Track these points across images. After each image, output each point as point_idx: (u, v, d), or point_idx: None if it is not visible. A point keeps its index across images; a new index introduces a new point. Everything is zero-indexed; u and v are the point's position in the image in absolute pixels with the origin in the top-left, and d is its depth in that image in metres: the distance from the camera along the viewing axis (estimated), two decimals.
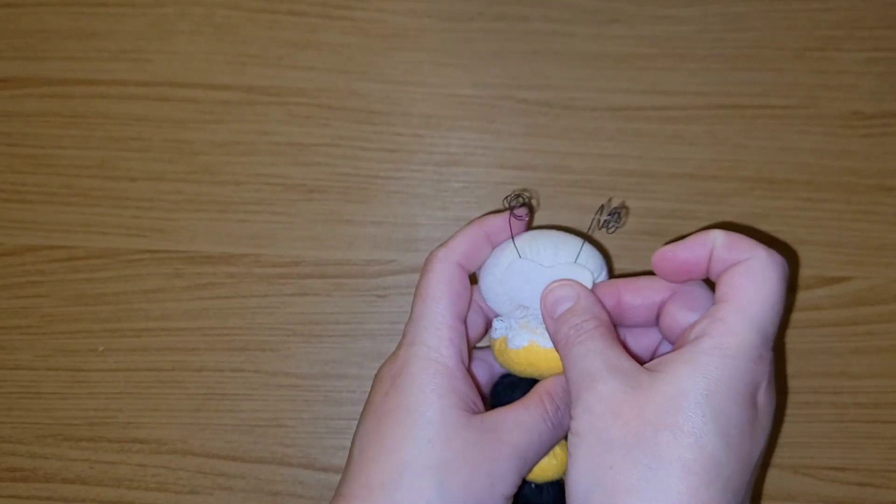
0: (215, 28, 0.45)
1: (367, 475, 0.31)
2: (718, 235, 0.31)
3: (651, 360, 0.31)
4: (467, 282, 0.35)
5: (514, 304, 0.35)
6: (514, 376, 0.36)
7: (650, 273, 0.34)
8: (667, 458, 0.27)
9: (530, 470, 0.33)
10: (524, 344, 0.34)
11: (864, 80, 0.44)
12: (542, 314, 0.34)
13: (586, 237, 0.35)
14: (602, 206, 0.35)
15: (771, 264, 0.30)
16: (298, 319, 0.43)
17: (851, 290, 0.42)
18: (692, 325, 0.30)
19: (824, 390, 0.42)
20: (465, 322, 0.34)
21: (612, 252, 0.43)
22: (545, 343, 0.34)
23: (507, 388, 0.36)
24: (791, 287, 0.43)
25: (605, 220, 0.34)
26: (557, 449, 0.35)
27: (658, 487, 0.27)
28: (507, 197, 0.34)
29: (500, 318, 0.36)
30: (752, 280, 0.30)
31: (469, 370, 0.34)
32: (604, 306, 0.33)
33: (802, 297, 0.42)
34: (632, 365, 0.30)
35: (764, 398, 0.29)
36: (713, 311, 0.30)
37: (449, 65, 0.45)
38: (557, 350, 0.32)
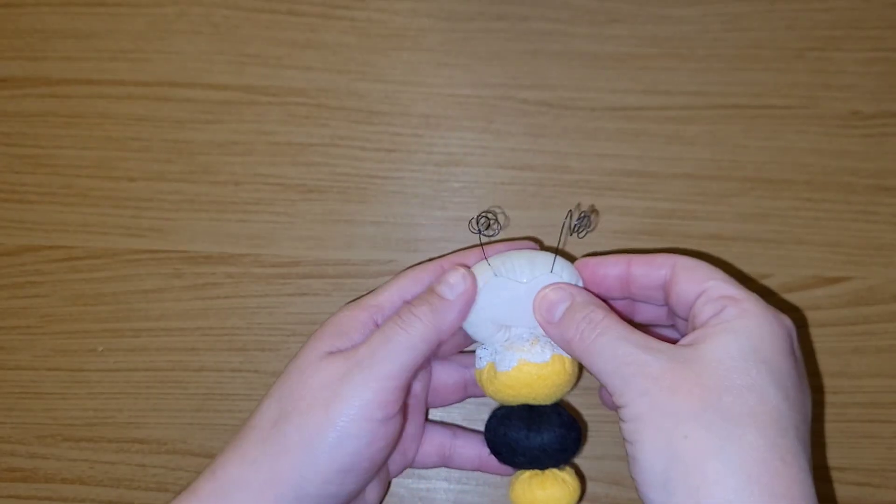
0: (214, 28, 0.45)
1: (261, 409, 0.33)
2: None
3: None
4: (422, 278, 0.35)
5: (497, 326, 0.34)
6: (506, 407, 0.35)
7: None
8: (737, 416, 0.28)
9: (402, 382, 0.32)
10: (514, 364, 0.33)
11: (864, 80, 0.44)
12: (541, 323, 0.33)
13: (557, 250, 0.35)
14: (570, 212, 0.35)
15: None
16: (298, 319, 0.43)
17: (850, 290, 0.42)
18: (702, 306, 0.31)
19: (824, 390, 0.42)
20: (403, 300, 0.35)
21: (612, 251, 0.43)
22: (535, 359, 0.33)
23: (502, 419, 0.35)
24: (790, 287, 0.43)
25: (574, 226, 0.35)
26: (567, 476, 0.34)
27: (739, 444, 0.27)
28: (471, 220, 0.34)
29: (482, 346, 0.35)
30: (697, 268, 0.33)
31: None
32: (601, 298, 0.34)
33: (802, 296, 0.42)
34: (663, 343, 0.30)
35: (798, 352, 0.31)
36: (707, 294, 0.31)
37: (448, 65, 0.45)
38: (573, 351, 0.32)
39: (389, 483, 0.38)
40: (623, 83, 0.44)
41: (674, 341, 0.31)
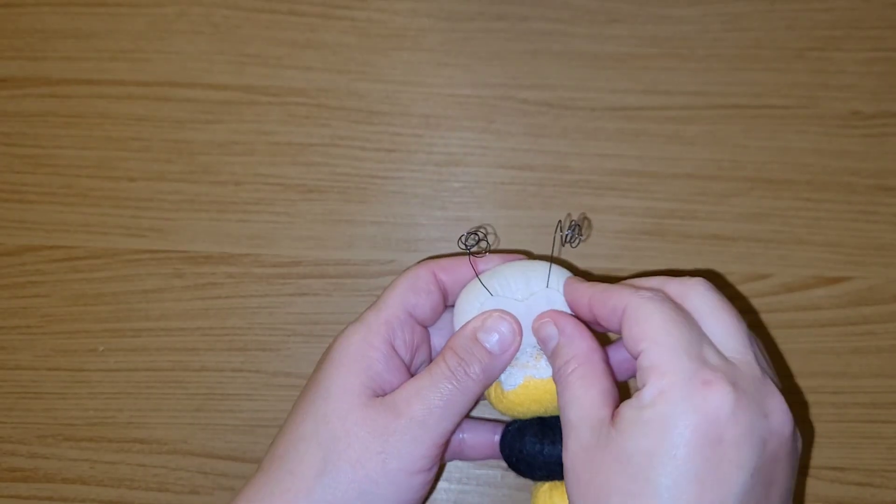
0: (215, 28, 0.45)
1: (275, 445, 0.32)
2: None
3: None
4: (431, 287, 0.35)
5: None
6: (520, 420, 0.35)
7: (650, 274, 0.34)
8: None
9: (451, 435, 0.32)
10: (520, 382, 0.33)
11: (864, 80, 0.44)
12: (542, 348, 0.33)
13: (551, 261, 0.34)
14: (559, 222, 0.35)
15: (644, 301, 0.29)
16: (298, 319, 0.43)
17: (851, 290, 0.42)
18: (639, 370, 0.29)
19: (824, 390, 0.42)
20: (416, 318, 0.34)
21: (613, 252, 0.43)
22: (541, 374, 0.33)
23: (516, 435, 0.34)
24: (791, 287, 0.43)
25: (565, 236, 0.34)
26: (557, 499, 0.34)
27: None
28: (461, 236, 0.33)
29: None
30: (639, 321, 0.29)
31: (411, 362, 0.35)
32: (586, 329, 0.32)
33: (802, 296, 0.42)
34: (602, 413, 0.29)
35: (732, 423, 0.26)
36: (640, 359, 0.29)
37: (448, 65, 0.45)
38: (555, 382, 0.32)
39: None
40: (623, 83, 0.44)
41: None
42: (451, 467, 0.41)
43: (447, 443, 0.33)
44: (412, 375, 0.34)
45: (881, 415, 0.42)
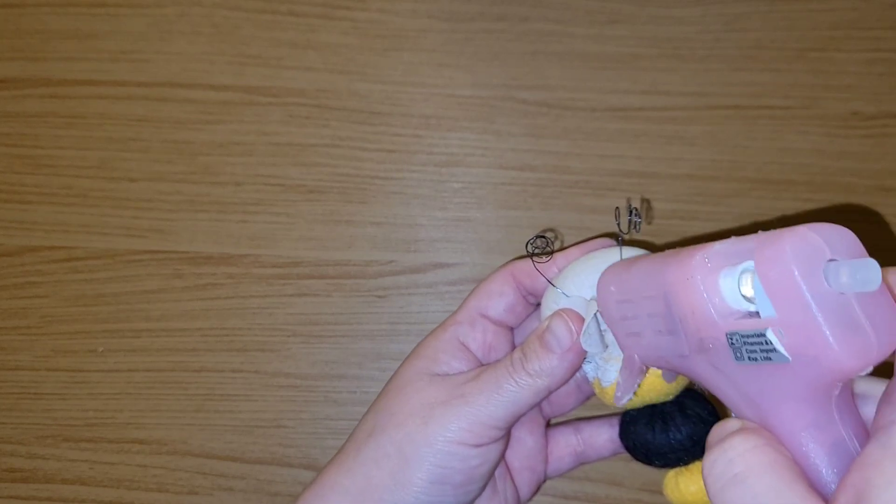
0: (215, 29, 0.45)
1: (360, 423, 0.35)
2: None
3: None
4: (505, 289, 0.35)
5: (595, 344, 0.33)
6: (633, 410, 0.34)
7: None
8: None
9: (505, 424, 0.32)
10: (614, 378, 0.32)
11: (864, 80, 0.44)
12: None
13: (620, 250, 0.33)
14: (617, 210, 0.33)
15: None
16: (298, 320, 0.43)
17: None
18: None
19: None
20: (490, 319, 0.35)
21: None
22: None
23: (629, 424, 0.34)
24: None
25: (632, 222, 0.33)
26: (682, 485, 0.33)
27: None
28: (528, 241, 0.33)
29: (586, 360, 0.34)
30: None
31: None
32: None
33: None
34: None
35: None
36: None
37: (449, 65, 0.45)
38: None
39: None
40: (623, 84, 0.44)
41: None
42: None
43: (502, 431, 0.33)
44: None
45: None
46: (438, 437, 0.32)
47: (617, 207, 0.37)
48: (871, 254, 0.25)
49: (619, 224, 0.33)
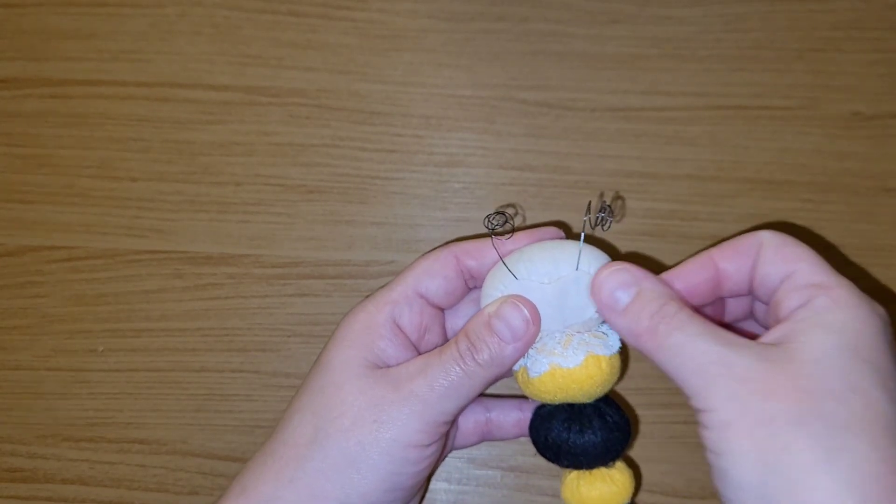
0: (215, 29, 0.45)
1: (279, 423, 0.32)
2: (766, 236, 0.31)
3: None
4: (448, 271, 0.34)
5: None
6: (549, 405, 0.33)
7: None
8: (842, 424, 0.24)
9: (454, 417, 0.31)
10: (545, 370, 0.32)
11: (865, 81, 0.44)
12: (603, 312, 0.31)
13: (581, 240, 0.33)
14: (589, 204, 0.33)
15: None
16: (298, 320, 0.43)
17: None
18: (787, 293, 0.28)
19: None
20: (428, 300, 0.34)
21: (612, 253, 0.43)
22: (568, 363, 0.31)
23: (544, 420, 0.33)
24: None
25: (597, 218, 0.32)
26: (616, 474, 0.33)
27: (848, 456, 0.24)
28: (487, 216, 0.32)
29: None
30: (785, 245, 0.30)
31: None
32: (666, 282, 0.31)
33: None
34: (747, 340, 0.27)
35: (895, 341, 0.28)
36: (793, 280, 0.29)
37: (449, 65, 0.45)
38: (642, 345, 0.29)
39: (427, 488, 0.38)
40: (624, 84, 0.44)
41: (754, 336, 0.28)
42: (452, 468, 0.41)
43: (450, 424, 0.32)
44: (420, 355, 0.33)
45: None
46: (393, 443, 0.30)
47: (590, 201, 0.37)
48: (873, 254, 0.27)
49: (587, 220, 0.32)
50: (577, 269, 0.32)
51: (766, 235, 0.30)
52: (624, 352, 0.33)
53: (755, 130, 0.44)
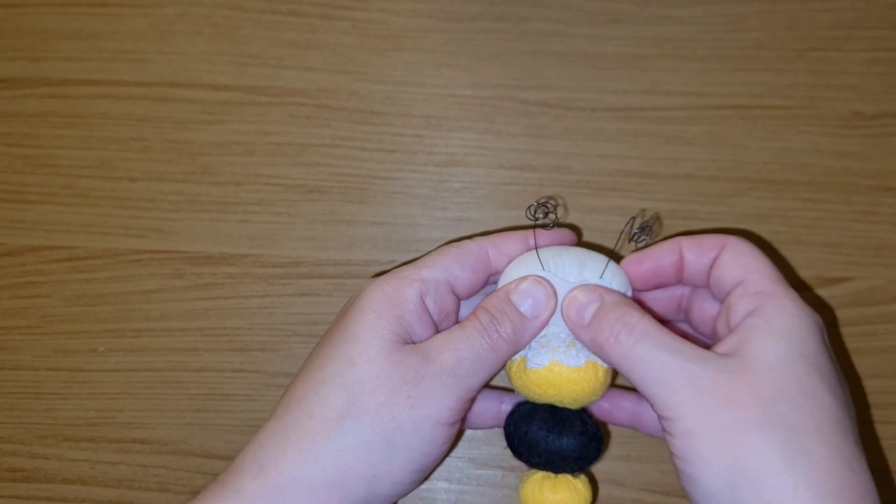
0: (215, 28, 0.45)
1: (291, 391, 0.31)
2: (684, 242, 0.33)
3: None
4: (478, 265, 0.34)
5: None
6: (531, 403, 0.34)
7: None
8: (797, 425, 0.27)
9: (475, 394, 0.31)
10: (545, 363, 0.32)
11: (865, 80, 0.44)
12: (571, 327, 0.32)
13: (611, 254, 0.34)
14: (633, 219, 0.34)
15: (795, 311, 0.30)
16: (299, 320, 0.43)
17: (852, 291, 0.42)
18: (738, 298, 0.31)
19: None
20: (453, 288, 0.34)
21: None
22: (569, 362, 0.32)
23: (525, 416, 0.34)
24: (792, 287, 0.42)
25: (635, 233, 0.33)
26: (579, 484, 0.33)
27: (806, 455, 0.26)
28: (530, 206, 0.33)
29: None
30: (742, 254, 0.32)
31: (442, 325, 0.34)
32: (631, 300, 0.32)
33: (803, 297, 0.42)
34: (704, 350, 0.29)
35: (829, 343, 0.30)
36: (745, 286, 0.31)
37: (449, 65, 0.45)
38: (607, 356, 0.30)
39: None
40: (624, 84, 0.44)
41: (694, 340, 0.30)
42: (452, 467, 0.41)
43: (472, 401, 0.32)
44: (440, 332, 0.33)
45: (882, 415, 0.42)
46: (426, 420, 0.29)
47: (632, 217, 0.37)
48: (873, 254, 0.27)
49: (630, 233, 0.33)
50: (600, 277, 0.33)
51: (730, 240, 0.32)
52: (613, 374, 0.34)
53: (755, 130, 0.44)
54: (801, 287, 0.42)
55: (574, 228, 0.43)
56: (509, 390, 0.36)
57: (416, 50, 0.45)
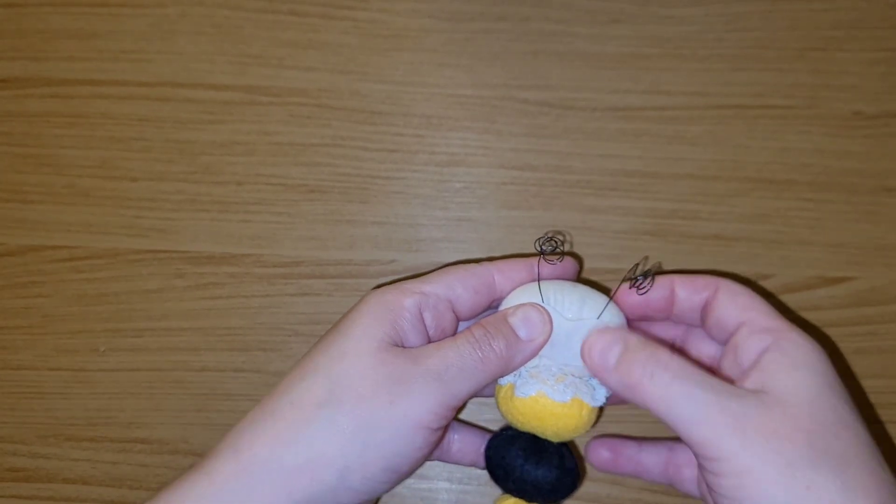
0: (216, 28, 0.45)
1: (280, 384, 0.31)
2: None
3: None
4: (482, 289, 0.34)
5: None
6: (513, 429, 0.34)
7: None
8: (843, 456, 0.27)
9: (462, 403, 0.32)
10: (532, 393, 0.32)
11: (866, 80, 0.44)
12: (594, 370, 0.32)
13: (611, 297, 0.34)
14: (636, 265, 0.34)
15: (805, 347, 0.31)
16: (300, 319, 0.43)
17: (853, 291, 0.42)
18: (747, 337, 0.31)
19: None
20: (454, 308, 0.34)
21: (614, 252, 0.43)
22: (555, 396, 0.32)
23: (506, 442, 0.34)
24: (792, 287, 0.43)
25: (637, 280, 0.34)
26: None
27: (863, 490, 0.27)
28: (539, 239, 0.34)
29: None
30: (738, 294, 0.33)
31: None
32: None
33: (804, 297, 0.42)
34: (736, 387, 0.29)
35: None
36: (748, 325, 0.32)
37: (450, 65, 0.45)
38: (638, 396, 0.30)
39: None
40: (624, 83, 0.44)
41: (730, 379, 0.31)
42: (453, 467, 0.41)
43: (456, 411, 0.32)
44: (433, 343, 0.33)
45: (883, 415, 0.42)
46: (405, 419, 0.30)
47: (636, 263, 0.37)
48: (874, 253, 0.27)
49: (629, 278, 0.34)
50: (598, 317, 0.33)
51: (722, 282, 0.33)
52: (598, 413, 0.34)
53: (756, 130, 0.44)
54: (802, 287, 0.42)
55: (577, 257, 0.43)
56: (495, 432, 0.36)
57: (416, 50, 0.45)
